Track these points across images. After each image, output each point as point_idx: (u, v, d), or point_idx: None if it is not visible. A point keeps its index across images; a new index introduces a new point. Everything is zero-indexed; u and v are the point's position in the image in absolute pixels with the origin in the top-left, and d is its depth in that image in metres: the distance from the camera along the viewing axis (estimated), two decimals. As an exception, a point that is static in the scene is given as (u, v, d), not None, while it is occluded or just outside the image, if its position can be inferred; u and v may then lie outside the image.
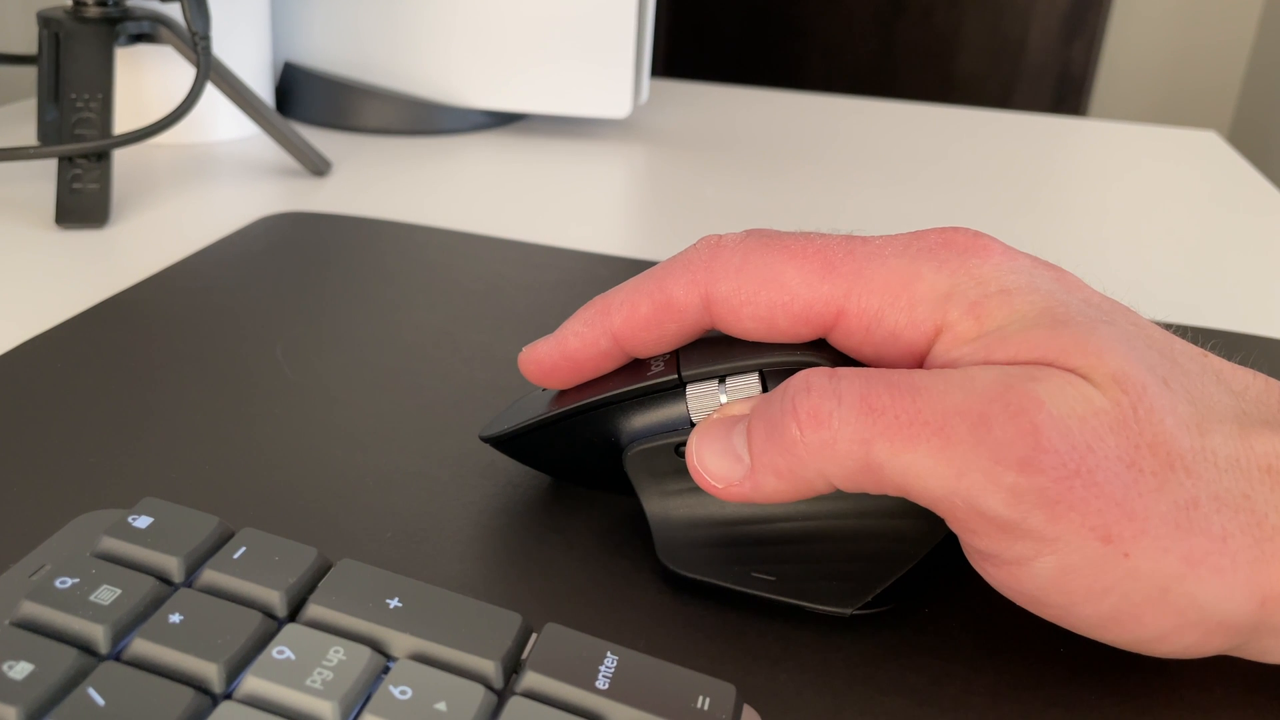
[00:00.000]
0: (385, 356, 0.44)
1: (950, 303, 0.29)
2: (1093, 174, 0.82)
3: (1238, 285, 0.60)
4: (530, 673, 0.23)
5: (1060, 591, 0.27)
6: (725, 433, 0.30)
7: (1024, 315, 0.28)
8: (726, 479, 0.29)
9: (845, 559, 0.31)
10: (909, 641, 0.30)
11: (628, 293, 0.32)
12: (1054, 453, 0.25)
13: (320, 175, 0.70)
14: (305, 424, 0.39)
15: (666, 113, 0.94)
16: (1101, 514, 0.25)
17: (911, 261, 0.30)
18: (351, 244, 0.57)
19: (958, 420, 0.26)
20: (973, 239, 0.31)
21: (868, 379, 0.28)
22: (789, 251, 0.31)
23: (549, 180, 0.72)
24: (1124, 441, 0.26)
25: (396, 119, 0.82)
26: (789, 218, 0.67)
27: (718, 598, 0.31)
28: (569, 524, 0.34)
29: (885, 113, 0.99)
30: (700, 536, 0.32)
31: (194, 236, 0.58)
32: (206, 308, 0.48)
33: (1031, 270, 0.30)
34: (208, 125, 0.76)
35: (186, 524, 0.26)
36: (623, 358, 0.33)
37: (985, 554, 0.27)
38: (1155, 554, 0.25)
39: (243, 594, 0.25)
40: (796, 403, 0.28)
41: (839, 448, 0.27)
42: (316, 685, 0.22)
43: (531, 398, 0.36)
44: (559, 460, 0.35)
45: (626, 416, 0.33)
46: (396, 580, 0.25)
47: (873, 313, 0.30)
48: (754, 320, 0.31)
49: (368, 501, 0.35)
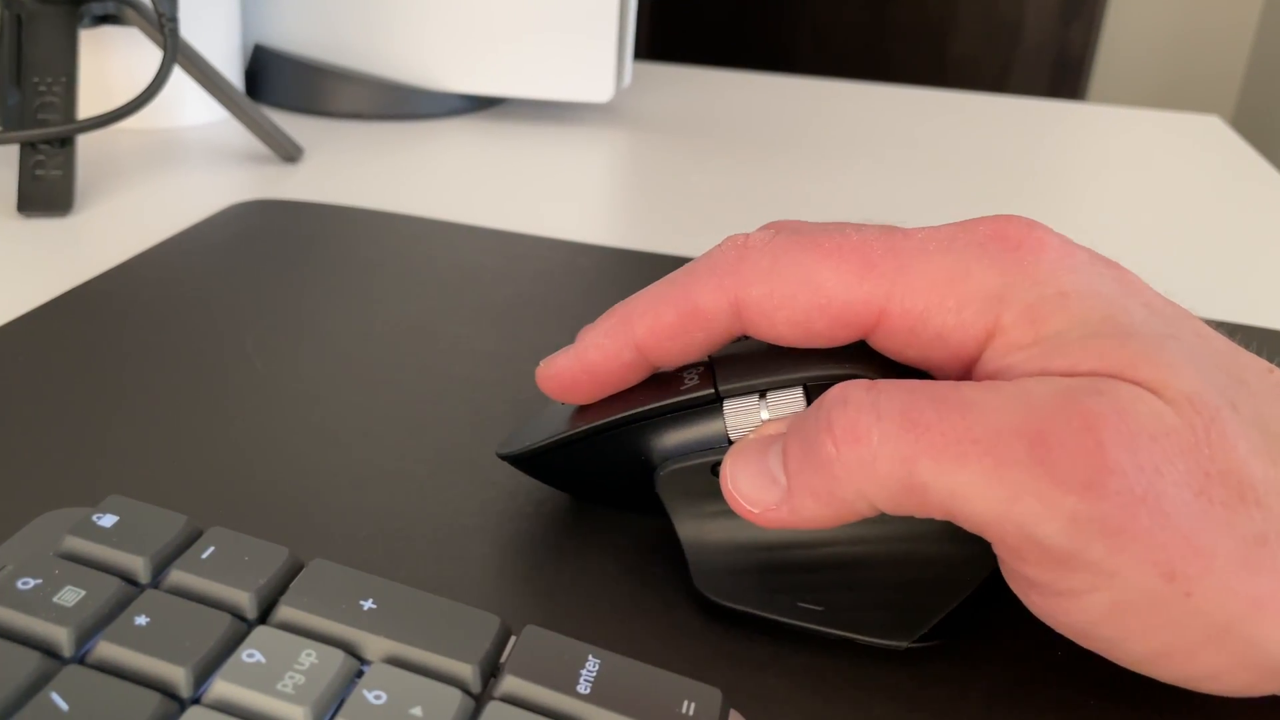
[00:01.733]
0: (359, 349, 0.44)
1: (1003, 304, 0.28)
2: (1091, 160, 0.82)
3: (1242, 275, 0.60)
4: (509, 676, 0.23)
5: (1112, 628, 0.26)
6: (761, 454, 0.29)
7: (1085, 321, 0.27)
8: (763, 503, 0.28)
9: (898, 587, 0.30)
10: (882, 662, 0.30)
11: (650, 300, 0.31)
12: (1120, 474, 0.24)
13: (291, 161, 0.70)
14: (276, 419, 0.39)
15: (650, 96, 0.94)
16: (1166, 548, 0.24)
17: (959, 258, 0.29)
18: (324, 233, 0.57)
19: (1013, 439, 0.25)
20: (1026, 231, 0.29)
21: (911, 391, 0.27)
22: (823, 250, 0.29)
23: (528, 167, 0.72)
24: (1194, 467, 0.25)
25: (370, 103, 0.82)
26: (777, 206, 0.67)
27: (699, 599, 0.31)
28: (545, 519, 0.34)
29: (877, 96, 0.99)
30: (740, 562, 0.31)
31: (161, 225, 0.58)
32: (174, 299, 0.48)
33: (1090, 269, 0.29)
34: (175, 110, 0.76)
35: (153, 523, 0.26)
36: (647, 369, 0.32)
37: (1033, 583, 0.26)
38: (1220, 594, 0.24)
39: (211, 595, 0.25)
40: (832, 418, 0.27)
41: (879, 467, 0.26)
42: (288, 690, 0.22)
43: (551, 411, 0.35)
44: (583, 479, 0.34)
45: (659, 434, 0.32)
46: (371, 581, 0.25)
47: (917, 314, 0.29)
48: (789, 325, 0.30)
49: (341, 500, 0.35)
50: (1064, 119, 0.95)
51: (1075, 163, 0.81)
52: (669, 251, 0.58)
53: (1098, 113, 0.98)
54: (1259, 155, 0.85)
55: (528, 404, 0.41)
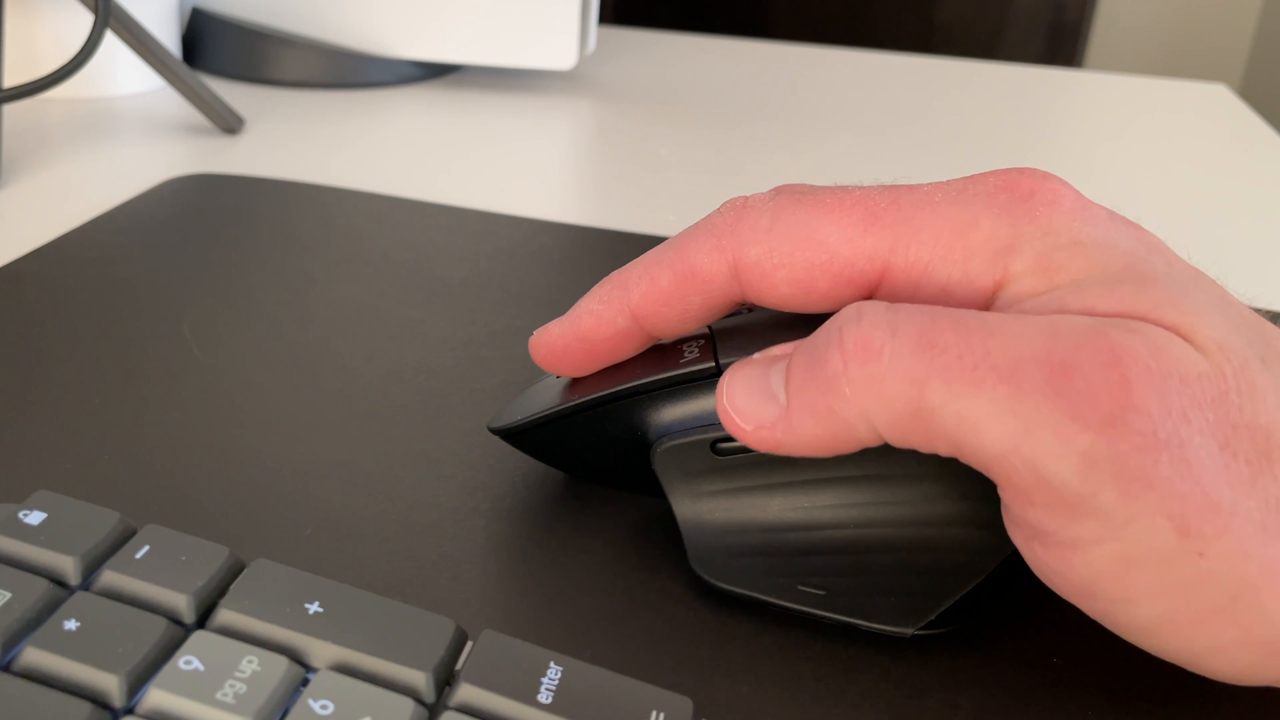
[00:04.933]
0: (304, 334, 0.44)
1: (1013, 255, 0.28)
2: (1091, 131, 0.83)
3: (1251, 251, 0.61)
4: (465, 685, 0.23)
5: (1117, 585, 0.25)
6: (763, 370, 0.29)
7: (1104, 270, 0.27)
8: (757, 419, 0.28)
9: (905, 572, 0.30)
10: (884, 652, 0.30)
11: (646, 265, 0.32)
12: (1144, 414, 0.24)
13: (232, 133, 0.70)
14: (215, 409, 0.39)
15: (616, 63, 0.94)
16: (1184, 500, 0.24)
17: (966, 208, 0.29)
18: (266, 209, 0.56)
19: (1033, 366, 0.25)
20: (1040, 182, 0.29)
21: (931, 313, 0.26)
22: (825, 206, 0.30)
23: (485, 139, 0.72)
24: (1222, 418, 0.25)
25: (316, 71, 0.82)
26: (752, 180, 0.67)
27: (672, 599, 0.31)
28: (504, 515, 0.34)
29: (859, 63, 0.99)
30: (739, 543, 0.31)
31: (91, 201, 0.58)
32: (105, 280, 0.48)
33: (1109, 224, 0.29)
34: (107, 78, 0.76)
35: (84, 520, 0.26)
36: (644, 339, 0.32)
37: (1036, 530, 0.26)
38: (1235, 557, 0.24)
39: (146, 598, 0.25)
40: (844, 332, 0.27)
41: (887, 386, 0.26)
42: (228, 699, 0.22)
43: (544, 385, 0.35)
44: (577, 455, 0.35)
45: (657, 408, 0.32)
46: (317, 582, 0.25)
47: (921, 266, 0.29)
48: (790, 285, 0.30)
49: (285, 495, 0.35)
50: (1061, 88, 0.96)
51: (1074, 134, 0.82)
52: (636, 229, 0.58)
53: (1097, 81, 0.98)
54: (1269, 126, 0.85)
55: (485, 391, 0.41)
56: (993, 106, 0.88)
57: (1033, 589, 0.30)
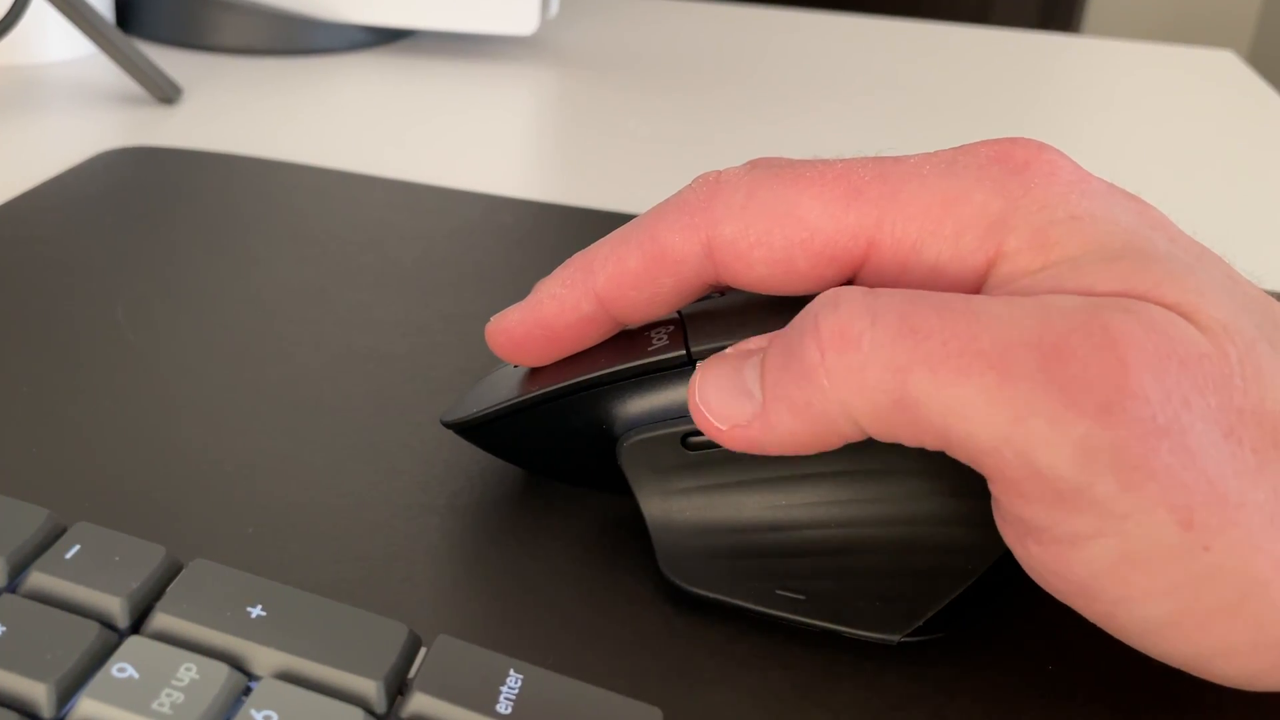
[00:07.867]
0: (245, 319, 0.44)
1: (1006, 229, 0.28)
2: (1091, 99, 0.83)
3: (1260, 224, 0.61)
4: (418, 694, 0.23)
5: (1117, 583, 0.25)
6: (736, 365, 0.28)
7: (1103, 246, 0.27)
8: (731, 418, 0.28)
9: (890, 574, 0.30)
10: (868, 660, 0.30)
11: (612, 245, 0.31)
12: (1142, 400, 0.24)
13: (169, 103, 0.70)
14: (151, 398, 0.39)
15: (580, 28, 0.94)
16: (1187, 491, 0.24)
17: (957, 180, 0.29)
18: (206, 185, 0.56)
19: (1023, 351, 0.25)
20: (1036, 153, 0.29)
21: (913, 298, 0.26)
22: (805, 180, 0.29)
23: (441, 109, 0.72)
24: (1226, 403, 0.24)
25: (259, 36, 0.81)
26: (725, 154, 0.67)
27: (639, 603, 0.31)
28: (459, 513, 0.34)
29: (841, 27, 0.99)
30: (712, 545, 0.31)
31: (18, 176, 0.57)
32: (33, 260, 0.48)
33: (1108, 197, 0.29)
34: (35, 44, 0.75)
35: (9, 518, 0.26)
36: (609, 325, 0.32)
37: (1030, 527, 0.26)
38: (1243, 551, 0.24)
39: (77, 600, 0.25)
40: (820, 321, 0.26)
41: (868, 376, 0.26)
42: (165, 709, 0.22)
43: (501, 374, 0.35)
44: (537, 451, 0.35)
45: (624, 400, 0.32)
46: (260, 584, 0.25)
47: (910, 243, 0.28)
48: (768, 265, 0.30)
49: (225, 491, 0.35)
50: (1058, 54, 0.96)
51: (1073, 102, 0.82)
52: (601, 206, 0.58)
53: (1096, 47, 0.99)
54: (1278, 94, 0.85)
55: (439, 380, 0.41)
56: (984, 74, 0.88)
57: (1026, 592, 0.29)
